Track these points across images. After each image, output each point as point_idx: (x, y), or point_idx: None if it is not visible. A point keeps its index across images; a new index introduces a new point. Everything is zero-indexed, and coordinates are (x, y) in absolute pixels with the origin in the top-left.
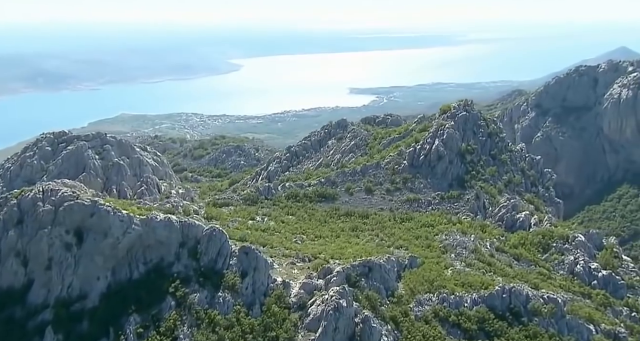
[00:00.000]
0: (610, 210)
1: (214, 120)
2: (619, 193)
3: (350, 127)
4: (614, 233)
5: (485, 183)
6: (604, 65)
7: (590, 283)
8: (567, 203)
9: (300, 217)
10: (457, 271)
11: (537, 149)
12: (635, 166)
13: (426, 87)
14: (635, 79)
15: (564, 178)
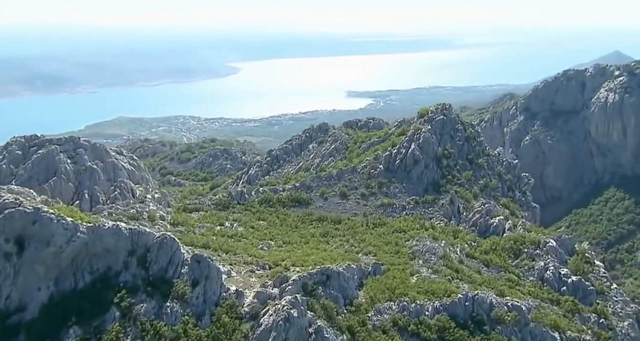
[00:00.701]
0: (597, 214)
1: (211, 123)
2: (606, 197)
3: (332, 131)
4: (601, 236)
5: (460, 188)
6: (592, 69)
7: (560, 289)
8: (555, 206)
9: (271, 222)
10: (422, 278)
11: (526, 153)
12: (622, 169)
13: (423, 91)
14: (622, 83)
15: (552, 182)
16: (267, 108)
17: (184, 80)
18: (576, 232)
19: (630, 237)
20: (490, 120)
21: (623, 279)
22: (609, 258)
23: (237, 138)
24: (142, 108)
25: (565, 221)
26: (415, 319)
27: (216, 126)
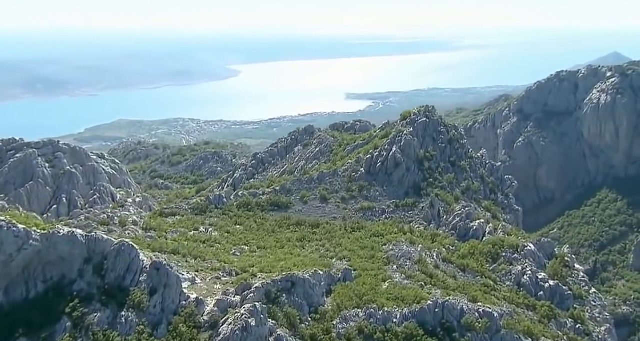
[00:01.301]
0: (590, 215)
1: (210, 125)
2: (599, 198)
3: (317, 134)
4: (593, 238)
5: (442, 191)
6: (584, 70)
7: (537, 294)
8: (548, 208)
9: (248, 227)
10: (394, 284)
11: (519, 154)
12: (614, 171)
13: (422, 92)
14: (614, 84)
15: (545, 183)
16: (266, 111)
17: (183, 82)
18: (568, 234)
19: (623, 238)
20: (484, 121)
21: (615, 281)
22: (601, 260)
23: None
24: (142, 111)
25: (558, 222)
26: (382, 327)
27: (215, 128)
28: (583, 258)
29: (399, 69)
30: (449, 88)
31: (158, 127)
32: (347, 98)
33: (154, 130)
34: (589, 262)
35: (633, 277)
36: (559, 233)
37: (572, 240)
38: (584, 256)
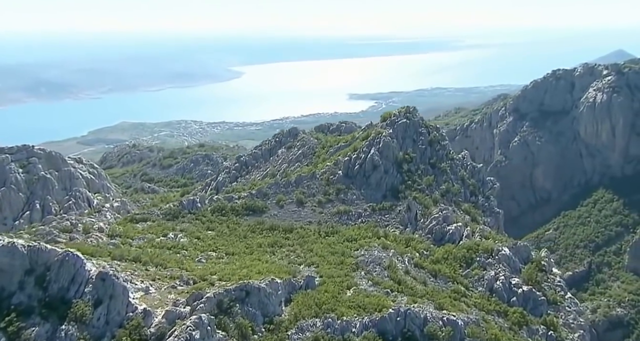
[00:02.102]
0: (585, 216)
1: (212, 127)
2: (595, 198)
3: (301, 136)
4: (588, 239)
5: (420, 194)
6: (580, 68)
7: (509, 300)
8: (545, 208)
9: (220, 232)
10: (358, 291)
11: (515, 154)
12: (611, 170)
13: (425, 92)
14: (610, 83)
15: (542, 183)
16: (269, 112)
17: (186, 84)
18: (564, 235)
19: (618, 239)
20: (480, 121)
21: (610, 282)
22: (596, 261)
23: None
24: (144, 113)
25: (554, 223)
26: (340, 336)
27: (218, 130)
28: (578, 259)
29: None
30: (452, 88)
31: (160, 129)
32: (350, 99)
33: (157, 132)
34: (584, 263)
35: (628, 278)
36: (555, 234)
37: (567, 241)
38: (579, 257)
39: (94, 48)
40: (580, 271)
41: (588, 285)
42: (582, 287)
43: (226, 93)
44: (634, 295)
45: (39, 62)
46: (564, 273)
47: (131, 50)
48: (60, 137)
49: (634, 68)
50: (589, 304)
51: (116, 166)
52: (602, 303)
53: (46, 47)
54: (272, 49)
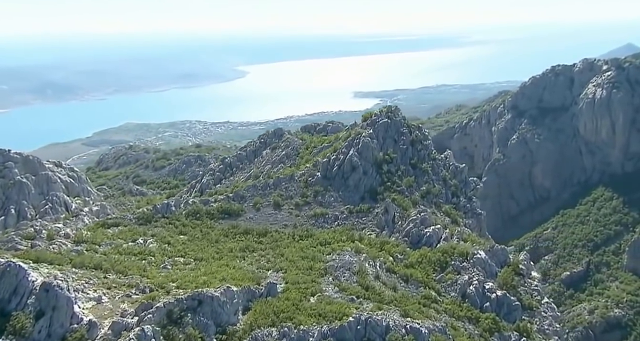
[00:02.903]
0: (584, 214)
1: (217, 127)
2: (594, 197)
3: (286, 136)
4: (587, 238)
5: (399, 195)
6: (580, 64)
7: (482, 306)
8: (544, 207)
9: (192, 236)
10: (322, 298)
11: (513, 152)
12: (611, 168)
13: (430, 89)
14: (609, 78)
15: (540, 181)
16: (274, 111)
17: (191, 85)
18: (562, 234)
19: (618, 238)
20: (479, 119)
21: (609, 283)
22: (595, 261)
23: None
24: (149, 114)
25: (552, 222)
26: None
27: (222, 130)
28: (576, 259)
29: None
30: (458, 85)
31: (165, 129)
32: (355, 97)
33: (161, 132)
34: (582, 263)
35: (627, 278)
36: (553, 233)
37: (565, 240)
38: (577, 257)
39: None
40: (578, 272)
41: (586, 285)
42: (580, 288)
43: (230, 93)
44: (632, 295)
45: (45, 64)
46: (561, 273)
47: (136, 51)
48: (65, 139)
49: (634, 63)
50: (586, 305)
51: (112, 168)
52: (600, 304)
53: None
54: (277, 48)
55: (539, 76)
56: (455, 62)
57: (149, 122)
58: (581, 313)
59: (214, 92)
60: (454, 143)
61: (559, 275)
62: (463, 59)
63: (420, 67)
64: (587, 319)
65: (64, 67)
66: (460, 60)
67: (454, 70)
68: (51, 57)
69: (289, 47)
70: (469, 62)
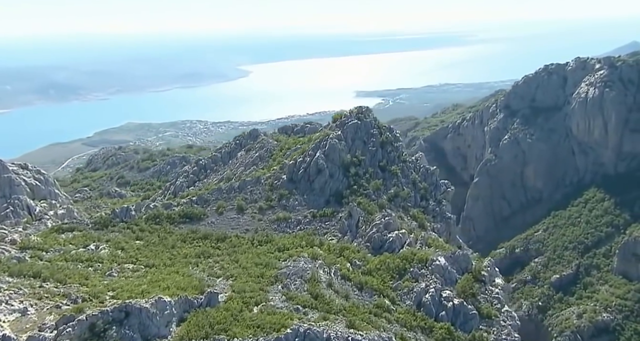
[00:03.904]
0: (576, 216)
1: (217, 127)
2: (586, 198)
3: (261, 138)
4: (577, 240)
5: (365, 199)
6: (573, 63)
7: (438, 315)
8: (535, 208)
9: (148, 242)
10: (265, 308)
11: (505, 152)
12: (603, 168)
13: (434, 88)
14: (602, 77)
15: (533, 182)
16: (276, 110)
17: (193, 84)
18: (553, 236)
19: (609, 240)
20: (472, 118)
21: (598, 286)
22: (585, 264)
23: None
24: (151, 113)
25: (544, 224)
26: None
27: (222, 130)
28: (566, 261)
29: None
30: (461, 84)
31: (165, 129)
32: (357, 96)
33: (162, 132)
34: (572, 266)
35: (616, 282)
36: (544, 235)
37: (556, 242)
38: (567, 259)
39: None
40: (568, 274)
41: (576, 288)
42: (569, 291)
43: (233, 93)
44: (621, 299)
45: (49, 65)
46: (551, 276)
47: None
48: (66, 139)
49: (627, 61)
50: (575, 309)
51: (101, 168)
52: (589, 308)
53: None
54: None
55: (531, 75)
56: (459, 60)
57: (150, 122)
58: (570, 317)
59: (216, 91)
60: (447, 143)
61: (548, 278)
62: (468, 58)
63: (424, 66)
64: (575, 323)
65: (67, 68)
66: (465, 58)
67: (459, 69)
68: (55, 58)
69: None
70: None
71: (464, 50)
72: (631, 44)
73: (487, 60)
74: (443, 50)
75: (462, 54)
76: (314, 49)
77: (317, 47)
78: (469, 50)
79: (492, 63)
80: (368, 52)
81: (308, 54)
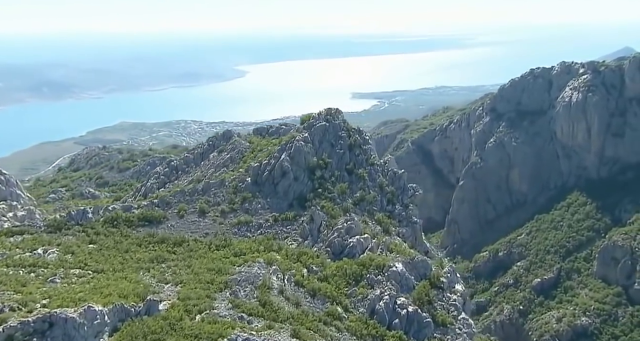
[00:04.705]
0: (558, 220)
1: (212, 127)
2: (569, 202)
3: (234, 139)
4: (559, 244)
5: (329, 202)
6: (558, 67)
7: (391, 323)
8: (519, 211)
9: (102, 246)
10: (208, 316)
11: (490, 155)
12: (586, 172)
13: (429, 91)
14: (585, 81)
15: (518, 186)
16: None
17: (190, 84)
18: (535, 240)
19: (589, 244)
20: (459, 121)
21: (578, 290)
22: (566, 268)
23: None
24: (145, 113)
25: (527, 227)
26: None
27: (217, 130)
28: (548, 265)
29: (410, 67)
30: (457, 87)
31: (160, 129)
32: (353, 98)
33: (155, 132)
34: (553, 270)
35: (596, 286)
36: (527, 239)
37: (538, 246)
38: (548, 263)
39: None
40: (549, 278)
41: (556, 292)
42: (550, 295)
43: (230, 93)
44: (600, 303)
45: (44, 62)
46: (532, 280)
47: (136, 50)
48: (58, 137)
49: (610, 66)
50: (555, 313)
51: (84, 168)
52: (568, 312)
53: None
54: (279, 48)
55: (517, 78)
56: (458, 63)
57: (144, 122)
58: (549, 321)
59: (212, 91)
60: (434, 146)
61: (530, 281)
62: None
63: (423, 68)
64: (554, 327)
65: (63, 66)
66: (464, 61)
67: (457, 71)
68: (51, 55)
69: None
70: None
71: (464, 53)
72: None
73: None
74: (443, 53)
75: (462, 56)
76: (312, 50)
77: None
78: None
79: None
80: (368, 53)
81: (307, 54)
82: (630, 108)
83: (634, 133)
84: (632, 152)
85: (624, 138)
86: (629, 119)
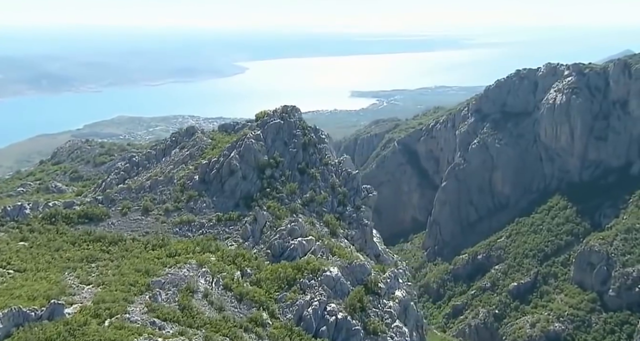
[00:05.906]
0: (538, 223)
1: (209, 122)
2: (549, 205)
3: (196, 135)
4: (538, 248)
5: (277, 203)
6: (543, 68)
7: (318, 330)
8: (501, 214)
9: (34, 243)
10: (118, 321)
11: (473, 157)
12: (569, 176)
13: (428, 91)
14: (570, 84)
15: (500, 188)
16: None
17: (188, 79)
18: (515, 243)
19: (568, 248)
20: (445, 122)
21: (554, 295)
22: (543, 272)
23: None
24: (143, 107)
25: (507, 231)
26: None
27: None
28: (525, 269)
29: (409, 66)
30: (456, 87)
31: (156, 123)
32: (352, 96)
33: (152, 126)
34: (530, 274)
35: (572, 291)
36: (506, 242)
37: (517, 250)
38: (526, 267)
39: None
40: (525, 283)
41: (532, 297)
42: (526, 299)
43: (229, 89)
44: (574, 309)
45: (43, 55)
46: (509, 284)
47: (136, 44)
48: (55, 130)
49: (595, 68)
50: (529, 318)
51: (65, 162)
52: (542, 317)
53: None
54: (279, 45)
55: (503, 79)
56: (458, 63)
57: (142, 116)
58: (523, 326)
59: (211, 87)
60: (420, 146)
61: (507, 285)
62: (466, 61)
63: (422, 68)
64: (527, 332)
65: (62, 58)
66: (464, 61)
67: (456, 71)
68: (50, 48)
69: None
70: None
71: (464, 53)
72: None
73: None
74: (443, 53)
75: (462, 57)
76: (313, 48)
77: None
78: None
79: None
80: (367, 52)
81: (307, 52)
82: (614, 112)
83: (617, 136)
84: (614, 155)
85: (606, 141)
86: (612, 122)
